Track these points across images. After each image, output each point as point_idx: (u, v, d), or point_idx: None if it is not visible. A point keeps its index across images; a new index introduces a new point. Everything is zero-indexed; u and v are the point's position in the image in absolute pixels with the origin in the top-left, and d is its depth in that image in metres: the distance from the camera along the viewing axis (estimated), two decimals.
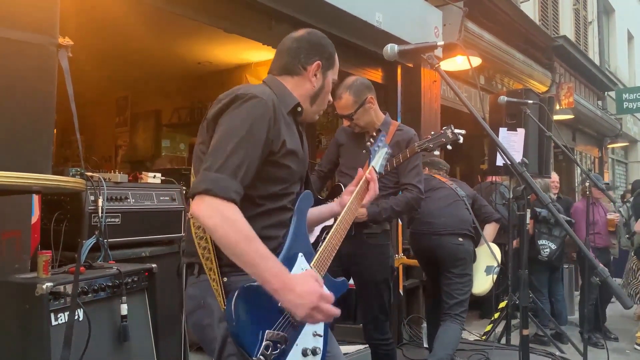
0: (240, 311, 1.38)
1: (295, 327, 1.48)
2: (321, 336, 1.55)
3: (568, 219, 5.45)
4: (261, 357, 1.37)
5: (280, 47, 1.74)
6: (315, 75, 1.70)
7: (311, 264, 1.58)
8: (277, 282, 1.36)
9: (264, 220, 1.54)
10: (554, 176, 6.54)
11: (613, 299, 5.63)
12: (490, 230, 4.09)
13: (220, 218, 1.36)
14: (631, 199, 5.97)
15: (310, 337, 1.52)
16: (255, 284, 1.42)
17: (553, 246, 5.41)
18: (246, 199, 1.48)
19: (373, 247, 2.92)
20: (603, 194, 4.36)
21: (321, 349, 1.53)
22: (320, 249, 1.63)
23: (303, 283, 1.38)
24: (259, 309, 1.42)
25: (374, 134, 2.65)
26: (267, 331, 1.40)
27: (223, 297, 1.44)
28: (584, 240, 4.29)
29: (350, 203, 1.79)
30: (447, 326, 3.59)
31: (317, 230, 2.88)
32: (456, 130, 2.73)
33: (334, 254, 1.66)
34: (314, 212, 1.87)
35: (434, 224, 3.74)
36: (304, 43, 1.71)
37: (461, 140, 2.73)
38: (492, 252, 3.86)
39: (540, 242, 5.43)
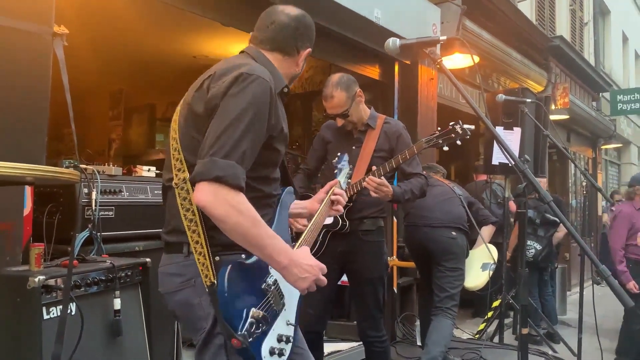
0: (231, 285, 1.42)
1: (274, 312, 1.52)
2: (293, 326, 1.60)
3: (554, 219, 5.44)
4: (245, 332, 1.40)
5: (272, 17, 1.70)
6: (304, 59, 1.73)
7: None
8: (285, 259, 1.43)
9: (256, 204, 1.51)
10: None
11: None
12: (486, 232, 4.12)
13: (229, 207, 1.37)
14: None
15: (284, 325, 1.56)
16: (245, 260, 1.49)
17: (538, 247, 5.41)
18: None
19: (368, 244, 2.91)
20: (600, 193, 4.35)
21: (292, 337, 1.58)
22: (297, 244, 1.67)
23: (305, 257, 1.49)
24: (247, 287, 1.47)
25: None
26: (252, 309, 1.44)
27: (213, 272, 1.43)
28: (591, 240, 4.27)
29: (319, 214, 1.84)
30: (438, 321, 3.60)
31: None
32: (465, 126, 2.69)
33: (313, 239, 1.73)
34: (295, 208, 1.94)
35: (429, 217, 3.77)
36: (301, 26, 1.71)
37: (468, 136, 2.71)
38: (489, 250, 3.87)
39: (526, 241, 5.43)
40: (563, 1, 10.42)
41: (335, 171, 1.95)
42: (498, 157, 4.73)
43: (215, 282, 1.41)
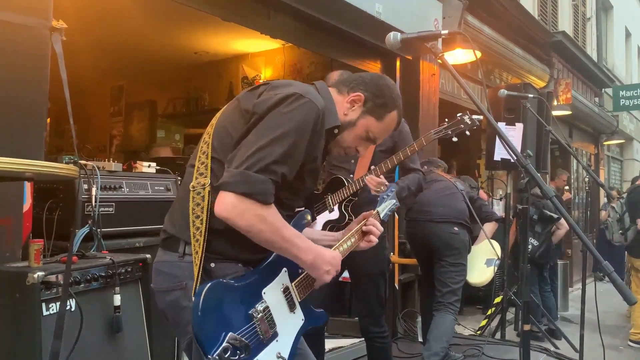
0: (207, 304, 1.33)
1: (260, 341, 1.43)
2: (285, 359, 1.49)
3: (550, 214, 5.42)
4: (217, 357, 1.32)
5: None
6: (352, 104, 1.62)
7: (293, 283, 1.55)
8: (308, 257, 1.47)
9: None
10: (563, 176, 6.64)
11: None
12: (489, 228, 4.10)
13: (255, 219, 1.37)
14: (625, 195, 6.00)
15: (274, 357, 1.46)
16: (233, 282, 1.40)
17: (535, 243, 5.39)
18: None
19: None
20: (603, 189, 4.34)
21: None
22: (305, 273, 1.59)
23: (327, 251, 1.55)
24: (229, 309, 1.39)
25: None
26: (230, 333, 1.36)
27: (197, 284, 1.39)
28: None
29: (349, 238, 1.75)
30: (440, 317, 3.59)
31: (319, 224, 2.85)
32: (474, 116, 2.69)
33: (316, 287, 1.63)
34: (315, 235, 1.82)
35: (431, 212, 3.76)
36: (365, 77, 1.67)
37: (477, 126, 2.71)
38: (492, 246, 3.86)
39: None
40: None
41: (379, 200, 1.90)
42: (500, 153, 4.72)
43: (194, 297, 1.37)
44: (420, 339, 4.46)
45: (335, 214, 2.82)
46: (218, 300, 1.36)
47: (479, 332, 4.93)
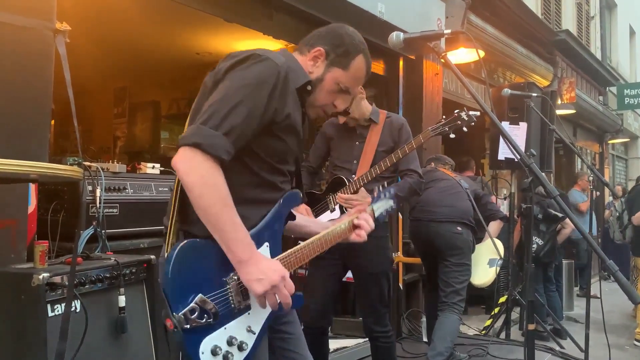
0: (181, 260, 1.32)
1: (230, 311, 1.39)
2: (254, 334, 1.44)
3: (555, 213, 5.40)
4: (182, 316, 1.29)
5: None
6: (314, 61, 1.60)
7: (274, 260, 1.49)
8: (242, 253, 1.34)
9: (254, 189, 1.50)
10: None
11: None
12: (494, 227, 4.09)
13: (200, 177, 1.32)
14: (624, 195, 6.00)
15: (244, 330, 1.42)
16: (211, 243, 1.37)
17: (540, 242, 5.37)
18: (243, 166, 1.46)
19: (372, 239, 2.88)
20: (607, 188, 4.32)
21: (249, 347, 1.42)
22: (290, 251, 1.55)
23: (269, 260, 1.41)
24: (202, 271, 1.36)
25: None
26: (199, 295, 1.33)
27: (170, 245, 1.39)
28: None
29: (339, 227, 1.71)
30: (444, 317, 3.58)
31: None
32: (471, 112, 2.74)
33: (299, 264, 1.58)
34: (302, 221, 1.81)
35: (434, 212, 3.75)
36: (322, 30, 1.64)
37: (474, 122, 2.72)
38: (495, 246, 3.85)
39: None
40: None
41: (375, 195, 1.88)
42: (504, 152, 4.71)
43: (167, 252, 1.36)
44: (425, 339, 4.45)
45: (336, 214, 2.83)
46: (192, 259, 1.33)
47: (483, 332, 4.92)
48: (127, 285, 2.17)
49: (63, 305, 1.87)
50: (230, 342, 1.37)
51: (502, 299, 4.99)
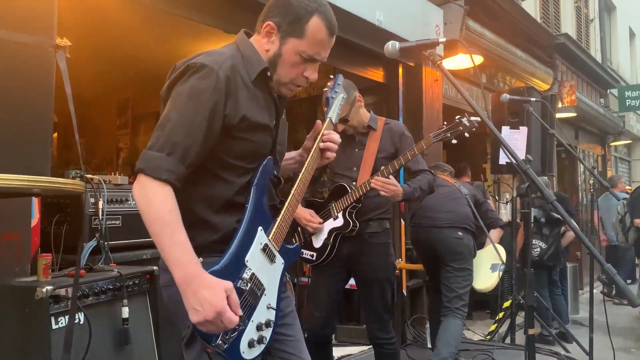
0: None
1: (252, 306, 1.45)
2: (274, 309, 1.52)
3: (557, 216, 5.39)
4: (220, 342, 1.33)
5: None
6: (268, 37, 1.51)
7: (269, 237, 1.53)
8: (177, 274, 1.29)
9: (227, 191, 1.49)
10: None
11: None
12: (495, 235, 4.09)
13: (144, 196, 1.33)
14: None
15: (265, 310, 1.49)
16: (216, 267, 1.38)
17: (544, 245, 5.36)
18: (206, 172, 1.45)
19: (375, 246, 2.91)
20: (608, 191, 4.33)
21: (273, 320, 1.51)
22: (279, 219, 1.57)
23: (212, 290, 1.28)
24: None
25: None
26: None
27: None
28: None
29: (308, 163, 1.64)
30: (448, 322, 3.58)
31: (325, 232, 2.86)
32: (472, 118, 2.75)
33: (291, 220, 1.61)
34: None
35: (435, 217, 3.76)
36: (270, 3, 1.54)
37: (475, 127, 2.76)
38: (497, 251, 3.85)
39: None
40: None
41: (327, 105, 1.81)
42: (505, 157, 4.72)
43: None
44: (429, 345, 4.45)
45: (339, 221, 2.84)
46: None
47: (488, 337, 4.90)
48: (130, 296, 2.19)
49: (67, 317, 1.89)
50: (259, 328, 1.46)
51: (507, 304, 4.97)
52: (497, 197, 6.61)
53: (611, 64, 13.05)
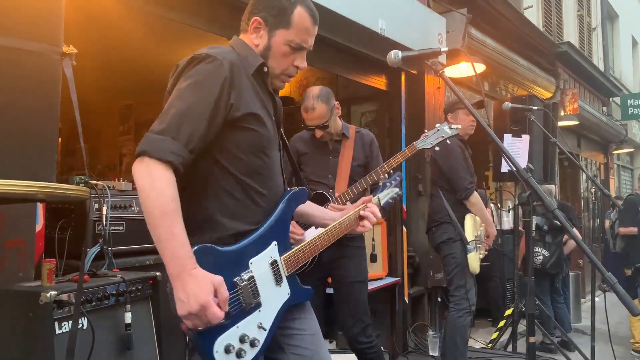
0: None
1: (243, 310, 1.44)
2: (265, 330, 1.48)
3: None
4: None
5: None
6: (256, 33, 1.57)
7: (282, 257, 1.55)
8: (171, 266, 1.29)
9: (238, 193, 1.51)
10: None
11: None
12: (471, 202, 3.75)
13: (148, 177, 1.32)
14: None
15: (255, 327, 1.46)
16: (220, 248, 1.41)
17: (546, 253, 5.36)
18: (224, 171, 1.48)
19: (352, 249, 2.97)
20: (609, 199, 4.33)
21: (261, 342, 1.46)
22: (298, 247, 1.59)
23: (199, 283, 1.28)
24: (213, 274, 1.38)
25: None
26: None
27: None
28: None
29: (347, 218, 1.75)
30: (447, 327, 3.63)
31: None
32: (453, 126, 2.84)
33: (309, 259, 1.63)
34: (310, 208, 1.85)
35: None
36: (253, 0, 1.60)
37: (455, 134, 2.87)
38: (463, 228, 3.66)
39: (534, 249, 5.39)
40: (570, 7, 10.41)
41: (380, 184, 1.93)
42: (507, 165, 4.73)
43: None
44: (431, 353, 4.44)
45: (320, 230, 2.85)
46: (202, 264, 1.34)
47: (490, 345, 4.90)
48: (133, 302, 2.20)
49: (70, 322, 1.90)
50: (242, 340, 1.42)
51: (508, 312, 4.97)
52: (499, 205, 6.61)
53: (614, 72, 13.06)
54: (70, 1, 2.13)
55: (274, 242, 1.54)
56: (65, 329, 1.91)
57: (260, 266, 1.49)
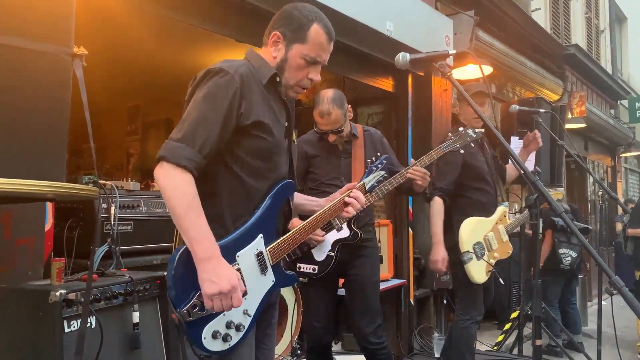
0: (181, 265, 1.49)
1: None
2: (250, 316, 1.60)
3: (584, 226, 5.40)
4: (185, 311, 1.47)
5: None
6: (275, 46, 1.71)
7: (267, 248, 1.65)
8: (201, 252, 1.47)
9: (247, 194, 1.65)
10: None
11: None
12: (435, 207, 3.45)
13: (171, 180, 1.49)
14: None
15: (241, 313, 1.58)
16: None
17: (574, 254, 5.37)
18: (233, 173, 1.62)
19: (368, 249, 2.99)
20: (616, 203, 4.31)
21: (246, 327, 1.59)
22: (282, 238, 1.69)
23: (227, 267, 1.49)
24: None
25: (377, 155, 2.70)
26: (200, 292, 1.49)
27: (175, 245, 1.60)
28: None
29: (332, 205, 1.84)
30: (452, 333, 3.60)
31: (328, 244, 2.87)
32: (477, 130, 2.89)
33: (293, 248, 1.73)
34: (298, 199, 1.97)
35: None
36: (276, 15, 1.75)
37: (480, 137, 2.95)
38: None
39: (561, 250, 5.39)
40: (578, 10, 10.37)
41: (366, 172, 1.96)
42: (515, 167, 4.71)
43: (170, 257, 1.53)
44: (436, 355, 4.44)
45: (345, 232, 2.84)
46: (192, 262, 1.48)
47: (495, 348, 4.88)
48: (141, 301, 2.21)
49: (79, 321, 1.91)
50: (228, 326, 1.55)
51: (514, 314, 4.95)
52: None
53: (622, 75, 12.99)
54: (79, 3, 2.15)
55: (260, 235, 1.64)
56: (73, 327, 1.92)
57: (246, 258, 1.60)
